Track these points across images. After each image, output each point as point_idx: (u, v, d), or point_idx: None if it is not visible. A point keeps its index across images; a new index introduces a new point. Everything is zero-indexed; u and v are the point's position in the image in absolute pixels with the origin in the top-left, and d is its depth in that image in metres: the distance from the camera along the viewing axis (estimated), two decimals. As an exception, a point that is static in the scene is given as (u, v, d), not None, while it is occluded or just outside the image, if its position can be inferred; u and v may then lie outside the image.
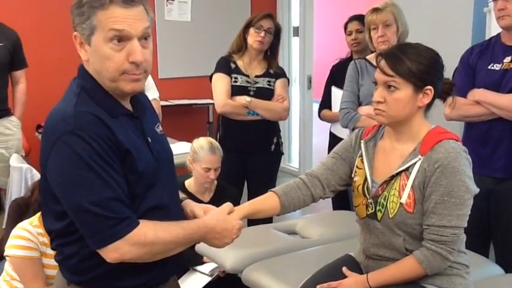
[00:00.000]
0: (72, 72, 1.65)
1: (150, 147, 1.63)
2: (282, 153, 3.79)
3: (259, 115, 3.55)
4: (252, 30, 3.53)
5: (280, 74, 3.67)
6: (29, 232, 2.36)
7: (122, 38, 1.52)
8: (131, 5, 1.52)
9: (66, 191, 1.51)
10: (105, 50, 1.52)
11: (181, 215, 1.75)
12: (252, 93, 3.55)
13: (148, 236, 1.53)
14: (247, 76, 3.57)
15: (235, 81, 3.56)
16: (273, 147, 3.67)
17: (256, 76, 3.58)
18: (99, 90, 1.58)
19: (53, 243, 1.66)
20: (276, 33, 3.59)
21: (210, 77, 3.62)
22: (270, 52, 3.64)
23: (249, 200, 2.07)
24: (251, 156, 3.60)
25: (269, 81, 3.60)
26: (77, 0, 1.54)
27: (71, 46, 1.62)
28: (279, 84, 3.62)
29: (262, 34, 3.50)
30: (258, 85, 3.57)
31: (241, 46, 3.60)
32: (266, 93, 3.58)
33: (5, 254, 2.40)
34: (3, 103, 4.07)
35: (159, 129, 1.74)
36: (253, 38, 3.53)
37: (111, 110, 1.56)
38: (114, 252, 1.51)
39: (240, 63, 3.59)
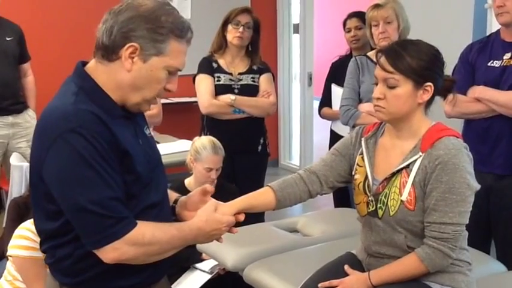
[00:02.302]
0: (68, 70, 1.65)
1: (143, 149, 1.64)
2: (269, 154, 3.74)
3: (246, 113, 3.50)
4: (230, 27, 3.47)
5: (264, 69, 3.61)
6: (32, 232, 2.35)
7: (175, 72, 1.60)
8: (190, 43, 1.61)
9: (65, 189, 1.49)
10: (161, 75, 1.57)
11: (170, 212, 1.78)
12: (236, 91, 3.50)
13: (146, 236, 1.54)
14: (230, 74, 3.52)
15: (219, 80, 3.50)
16: (259, 147, 3.62)
17: (240, 73, 3.53)
18: (98, 91, 1.57)
19: (44, 245, 1.64)
20: (256, 28, 3.52)
21: (193, 79, 3.57)
22: (252, 48, 3.58)
23: None
24: (238, 156, 3.51)
25: (253, 78, 3.55)
26: (147, 14, 1.53)
27: (69, 43, 1.62)
28: (263, 79, 3.57)
29: (241, 29, 3.45)
30: (242, 82, 3.52)
31: (222, 44, 3.54)
32: (251, 90, 3.53)
33: (7, 254, 2.40)
34: (21, 96, 4.13)
35: (148, 131, 1.75)
36: (232, 35, 3.47)
37: (109, 111, 1.56)
38: (112, 252, 1.51)
39: (221, 61, 3.54)
